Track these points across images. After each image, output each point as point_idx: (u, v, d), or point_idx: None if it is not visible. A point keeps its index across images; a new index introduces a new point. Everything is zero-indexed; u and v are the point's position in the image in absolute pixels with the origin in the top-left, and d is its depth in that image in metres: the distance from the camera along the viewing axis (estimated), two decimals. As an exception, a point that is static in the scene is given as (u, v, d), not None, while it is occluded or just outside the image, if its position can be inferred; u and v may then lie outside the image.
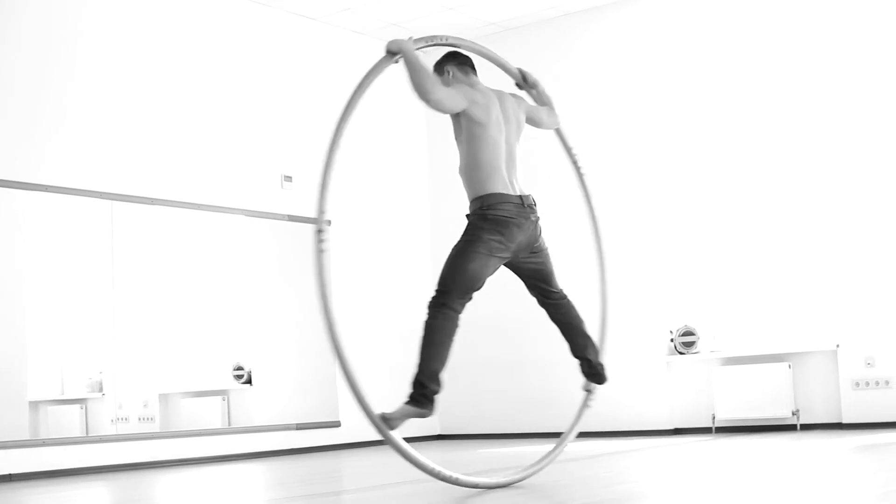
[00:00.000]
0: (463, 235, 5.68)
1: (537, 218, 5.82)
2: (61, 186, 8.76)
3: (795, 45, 9.94)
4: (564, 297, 6.11)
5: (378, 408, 5.61)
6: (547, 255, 5.92)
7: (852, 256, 9.53)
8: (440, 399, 5.71)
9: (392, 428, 5.61)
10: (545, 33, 11.23)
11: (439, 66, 6.07)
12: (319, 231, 5.55)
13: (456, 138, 5.88)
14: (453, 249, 5.64)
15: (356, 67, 11.31)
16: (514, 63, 6.42)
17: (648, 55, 10.66)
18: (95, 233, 9.13)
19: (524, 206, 5.73)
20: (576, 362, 6.27)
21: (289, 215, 10.37)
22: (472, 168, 5.76)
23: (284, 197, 10.38)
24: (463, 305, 5.68)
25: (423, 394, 5.63)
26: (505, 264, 5.77)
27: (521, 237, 5.69)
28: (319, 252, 5.53)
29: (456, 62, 6.04)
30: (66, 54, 8.99)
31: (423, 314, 5.79)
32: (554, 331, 10.92)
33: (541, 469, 6.07)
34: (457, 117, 5.81)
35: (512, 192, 5.71)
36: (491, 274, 5.70)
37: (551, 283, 5.99)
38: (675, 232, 10.44)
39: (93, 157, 9.03)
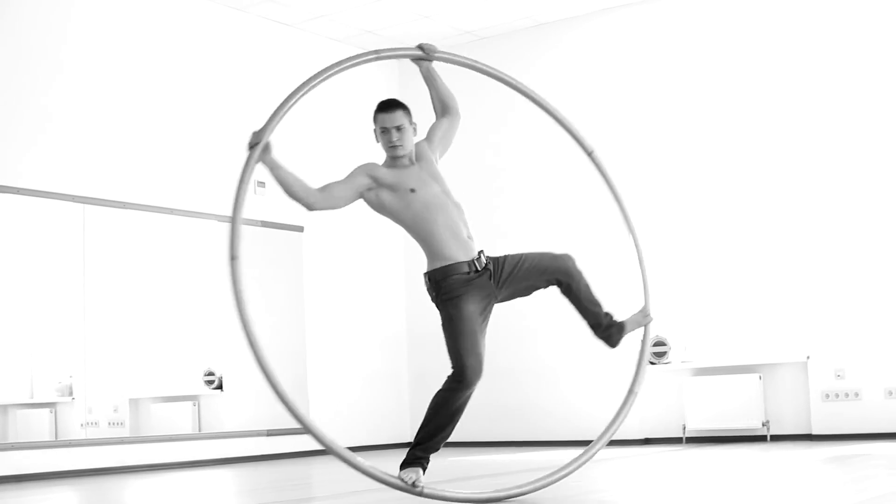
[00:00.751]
0: None
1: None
2: (33, 189, 8.72)
3: (771, 57, 9.99)
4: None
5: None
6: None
7: (823, 269, 9.57)
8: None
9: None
10: (519, 42, 11.26)
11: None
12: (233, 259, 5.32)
13: None
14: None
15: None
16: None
17: (621, 65, 10.70)
18: (67, 236, 9.09)
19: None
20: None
21: (262, 221, 10.35)
22: None
23: (258, 203, 10.35)
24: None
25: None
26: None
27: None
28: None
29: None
30: (41, 58, 8.95)
31: (398, 321, 5.85)
32: (527, 340, 10.95)
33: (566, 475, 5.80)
34: None
35: None
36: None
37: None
38: (649, 242, 10.45)
39: (65, 161, 8.99)
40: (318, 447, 10.39)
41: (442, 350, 10.48)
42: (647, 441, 10.15)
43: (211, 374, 10.02)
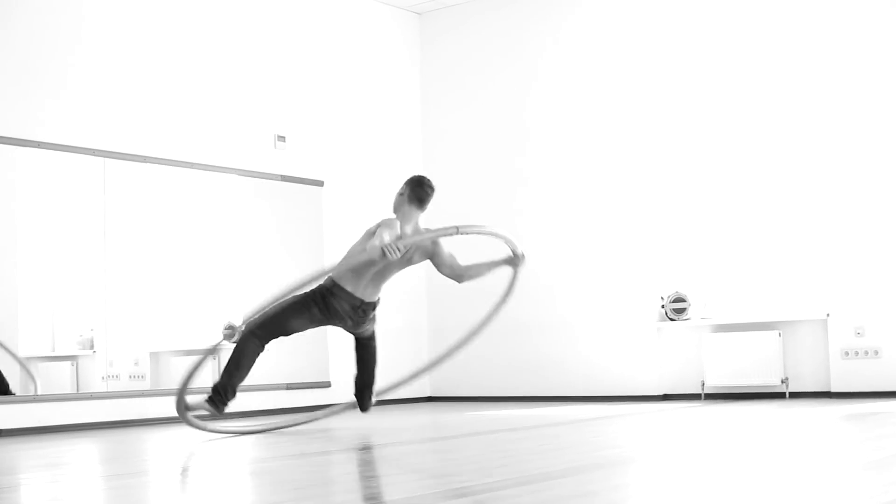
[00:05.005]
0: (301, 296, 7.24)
1: (370, 318, 7.59)
2: (55, 143, 8.74)
3: (792, 23, 9.92)
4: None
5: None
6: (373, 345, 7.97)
7: (844, 226, 9.54)
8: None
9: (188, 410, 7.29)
10: (540, 2, 11.21)
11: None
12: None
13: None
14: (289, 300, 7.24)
15: (349, 28, 11.32)
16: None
17: (646, 26, 10.63)
18: (88, 190, 9.11)
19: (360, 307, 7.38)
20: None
21: (281, 175, 10.36)
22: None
23: (277, 157, 10.36)
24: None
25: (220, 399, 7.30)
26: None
27: (339, 322, 7.47)
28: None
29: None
30: (62, 11, 8.94)
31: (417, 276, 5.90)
32: (544, 295, 10.96)
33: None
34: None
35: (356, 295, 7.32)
36: (301, 329, 7.52)
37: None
38: (669, 199, 10.44)
39: (86, 114, 9.00)
40: (337, 401, 10.47)
41: (461, 304, 10.57)
42: (666, 397, 10.16)
43: (230, 327, 10.04)
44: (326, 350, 10.51)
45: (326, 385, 10.44)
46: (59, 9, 8.92)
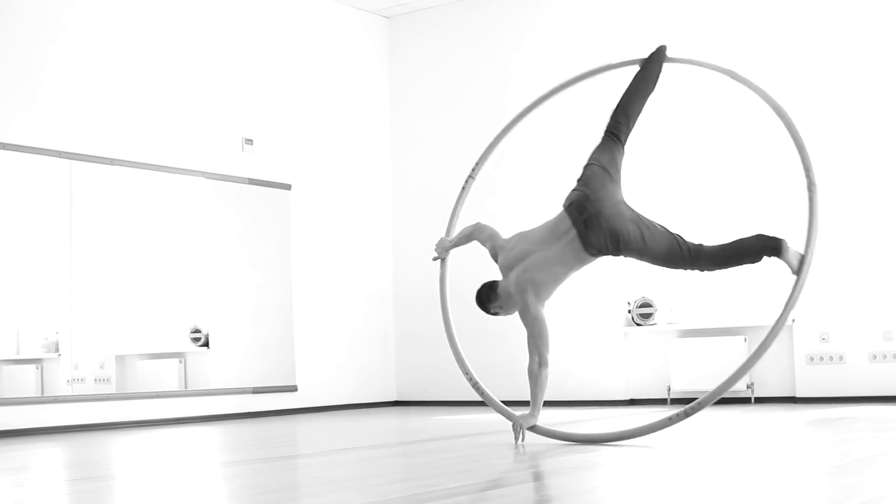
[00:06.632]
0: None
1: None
2: (20, 145, 8.69)
3: (770, 33, 9.97)
4: None
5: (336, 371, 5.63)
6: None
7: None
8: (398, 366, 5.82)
9: None
10: (509, 7, 11.21)
11: None
12: None
13: None
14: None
15: (317, 32, 11.30)
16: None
17: (620, 26, 10.66)
18: (53, 192, 9.06)
19: None
20: None
21: (249, 178, 10.33)
22: None
23: (245, 160, 10.34)
24: None
25: None
26: None
27: None
28: None
29: None
30: (32, 13, 8.90)
31: (385, 279, 5.86)
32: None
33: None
34: None
35: None
36: None
37: None
38: (635, 204, 10.44)
39: (51, 116, 8.96)
40: (304, 405, 10.47)
41: (428, 309, 10.51)
42: (633, 402, 10.19)
43: (197, 331, 10.03)
44: (293, 354, 10.50)
45: (293, 389, 10.42)
46: (27, 12, 8.87)
